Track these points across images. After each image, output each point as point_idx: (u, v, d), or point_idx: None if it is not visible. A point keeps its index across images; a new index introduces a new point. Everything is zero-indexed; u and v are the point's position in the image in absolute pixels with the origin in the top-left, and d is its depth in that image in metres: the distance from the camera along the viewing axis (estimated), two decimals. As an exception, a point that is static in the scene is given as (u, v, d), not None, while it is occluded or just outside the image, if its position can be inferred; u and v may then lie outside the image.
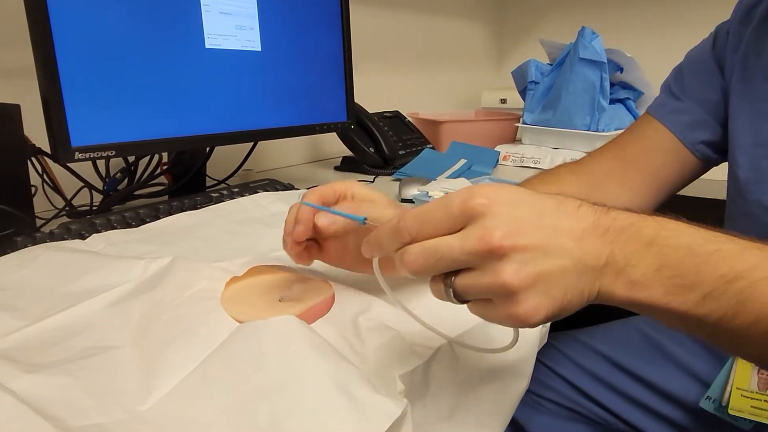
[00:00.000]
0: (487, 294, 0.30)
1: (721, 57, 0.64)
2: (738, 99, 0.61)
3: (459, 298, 0.32)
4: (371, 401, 0.31)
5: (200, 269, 0.47)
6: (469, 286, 0.31)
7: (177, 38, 0.71)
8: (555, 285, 0.30)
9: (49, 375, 0.33)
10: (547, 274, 0.30)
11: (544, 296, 0.30)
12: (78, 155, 0.62)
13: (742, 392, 0.53)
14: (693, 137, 0.65)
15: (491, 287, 0.30)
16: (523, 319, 0.30)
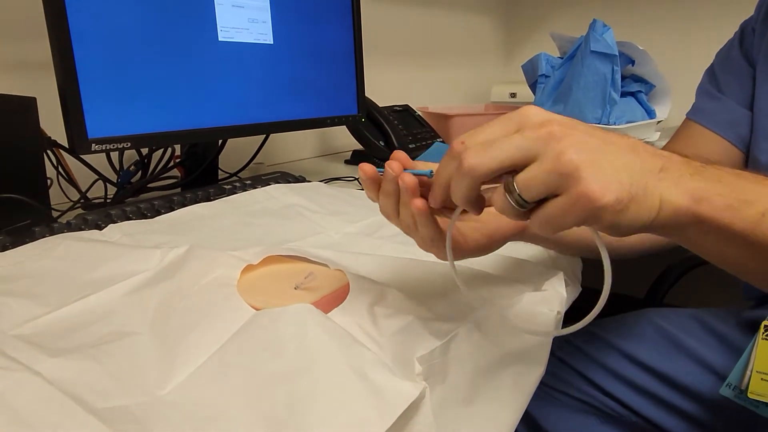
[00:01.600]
0: (551, 181, 0.29)
1: (749, 53, 0.65)
2: (762, 87, 0.62)
3: (522, 200, 0.30)
4: (388, 384, 0.31)
5: (216, 257, 0.48)
6: (530, 178, 0.29)
7: (191, 31, 0.71)
8: (618, 166, 0.29)
9: (72, 359, 0.34)
10: (608, 154, 0.29)
11: (609, 176, 0.29)
12: (94, 147, 0.63)
13: (763, 375, 0.53)
14: (737, 133, 0.65)
15: (554, 170, 0.29)
16: (592, 196, 0.28)
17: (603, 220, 0.29)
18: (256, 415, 0.31)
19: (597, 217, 0.29)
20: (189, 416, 0.31)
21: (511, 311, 0.42)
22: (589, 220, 0.29)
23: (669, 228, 0.31)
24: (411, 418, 0.30)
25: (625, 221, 0.30)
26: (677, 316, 0.73)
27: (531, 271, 0.50)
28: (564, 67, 1.22)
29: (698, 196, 0.31)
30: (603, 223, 0.30)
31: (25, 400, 0.29)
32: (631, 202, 0.29)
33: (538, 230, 0.31)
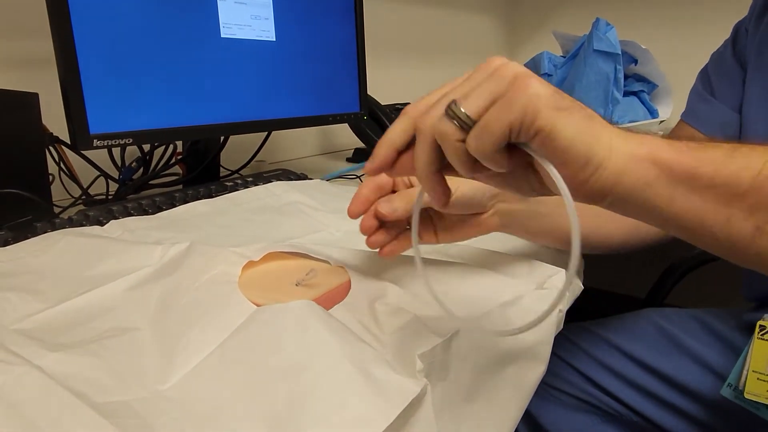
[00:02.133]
0: (491, 86, 0.28)
1: (742, 54, 0.65)
2: (752, 87, 0.62)
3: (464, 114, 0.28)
4: (389, 380, 0.31)
5: (217, 253, 0.48)
6: (471, 88, 0.28)
7: (193, 27, 0.71)
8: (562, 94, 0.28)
9: (73, 354, 0.34)
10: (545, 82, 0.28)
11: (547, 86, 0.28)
12: (96, 142, 0.63)
13: (759, 375, 0.52)
14: (728, 136, 0.65)
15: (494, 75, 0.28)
16: (528, 82, 0.27)
17: (542, 116, 0.27)
18: (257, 410, 0.31)
19: (535, 109, 0.27)
20: (190, 412, 0.31)
21: (513, 309, 0.42)
22: (528, 114, 0.27)
23: (627, 181, 0.28)
24: (412, 415, 0.30)
25: (568, 132, 0.27)
26: (678, 316, 0.73)
27: (533, 268, 0.50)
28: (566, 66, 1.22)
29: (654, 143, 0.29)
30: (542, 122, 0.27)
31: (26, 395, 0.29)
32: (575, 110, 0.28)
33: (475, 149, 0.28)
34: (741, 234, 0.28)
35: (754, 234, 0.27)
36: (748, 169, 0.27)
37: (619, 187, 0.29)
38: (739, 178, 0.27)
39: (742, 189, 0.27)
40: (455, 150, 0.29)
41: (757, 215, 0.27)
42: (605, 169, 0.28)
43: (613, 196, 0.29)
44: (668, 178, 0.28)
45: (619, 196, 0.29)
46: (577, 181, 0.29)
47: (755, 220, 0.27)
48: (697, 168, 0.28)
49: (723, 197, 0.28)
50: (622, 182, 0.28)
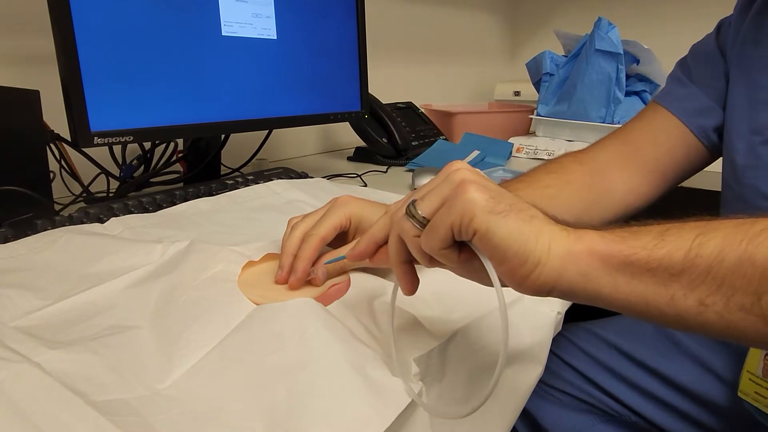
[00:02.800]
0: (443, 191, 0.32)
1: (723, 46, 0.65)
2: (736, 87, 0.62)
3: (420, 215, 0.32)
4: (387, 383, 0.31)
5: (217, 252, 0.48)
6: (427, 193, 0.32)
7: (194, 25, 0.71)
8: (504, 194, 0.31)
9: (72, 352, 0.34)
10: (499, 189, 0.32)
11: (491, 189, 0.31)
12: (97, 140, 0.63)
13: (751, 376, 0.53)
14: (699, 123, 0.65)
15: (446, 183, 0.32)
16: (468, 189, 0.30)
17: (477, 220, 0.30)
18: (256, 409, 0.31)
19: (472, 213, 0.30)
20: (188, 410, 0.31)
21: (512, 310, 0.42)
22: (465, 217, 0.30)
23: (568, 276, 0.30)
24: (408, 417, 0.30)
25: (503, 233, 0.30)
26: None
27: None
28: (568, 66, 1.21)
29: (590, 237, 0.31)
30: (477, 224, 0.30)
31: (25, 392, 0.29)
32: (510, 215, 0.30)
33: (426, 247, 0.32)
34: (687, 310, 0.29)
35: (699, 309, 0.28)
36: (679, 249, 0.28)
37: (562, 281, 0.30)
38: (672, 259, 0.29)
39: (676, 269, 0.28)
40: (413, 245, 0.33)
41: (697, 291, 0.28)
42: (545, 266, 0.30)
43: (558, 290, 0.31)
44: (608, 269, 0.30)
45: (564, 289, 0.31)
46: (518, 276, 0.31)
47: (696, 295, 0.28)
48: (630, 256, 0.29)
49: (661, 279, 0.29)
50: (564, 277, 0.30)
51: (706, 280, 0.28)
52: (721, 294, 0.27)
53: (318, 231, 0.45)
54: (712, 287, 0.28)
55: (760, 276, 0.26)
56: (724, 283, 0.27)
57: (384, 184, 0.90)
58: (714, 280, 0.27)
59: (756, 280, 0.26)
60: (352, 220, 0.47)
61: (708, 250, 0.28)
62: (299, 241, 0.46)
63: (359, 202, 0.48)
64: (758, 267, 0.26)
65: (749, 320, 0.27)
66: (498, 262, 0.31)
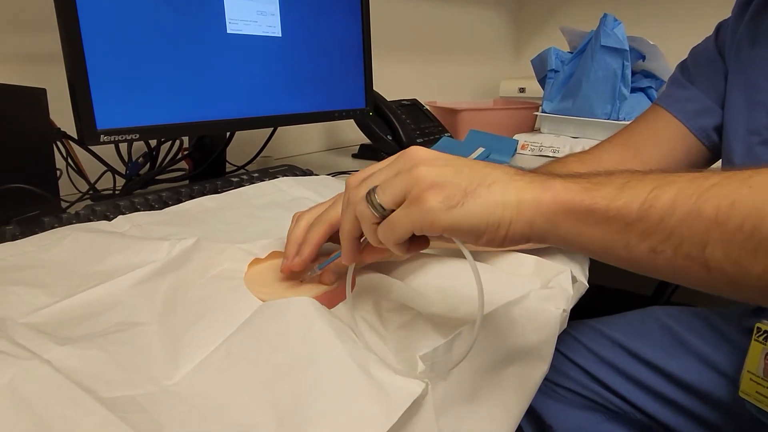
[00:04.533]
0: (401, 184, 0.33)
1: (722, 48, 0.65)
2: (733, 88, 0.62)
3: (378, 204, 0.34)
4: (392, 381, 0.31)
5: (223, 250, 0.48)
6: (387, 182, 0.34)
7: (199, 23, 0.71)
8: (463, 172, 0.33)
9: (80, 348, 0.34)
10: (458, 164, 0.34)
11: (447, 177, 0.32)
12: (103, 138, 0.63)
13: (752, 376, 0.53)
14: (700, 124, 0.65)
15: (404, 175, 0.33)
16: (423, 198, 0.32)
17: (438, 222, 0.32)
18: (262, 406, 0.31)
19: (431, 219, 0.32)
20: (195, 406, 0.31)
21: (517, 308, 0.42)
22: (425, 223, 0.32)
23: (539, 226, 0.32)
24: (413, 415, 0.30)
25: (466, 220, 0.32)
26: (683, 315, 0.72)
27: (539, 267, 0.50)
28: (574, 62, 1.21)
29: (556, 187, 0.32)
30: (441, 226, 0.32)
31: (34, 388, 0.29)
32: (467, 200, 0.32)
33: (381, 238, 0.34)
34: (640, 256, 0.31)
35: (650, 256, 0.31)
36: (635, 201, 0.30)
37: (535, 230, 0.33)
38: (628, 209, 0.30)
39: (631, 218, 0.30)
40: (370, 230, 0.35)
41: (649, 239, 0.30)
42: (517, 222, 0.32)
43: (533, 239, 0.33)
44: (570, 217, 0.32)
45: (537, 237, 0.33)
46: (495, 242, 0.33)
47: (648, 243, 0.30)
48: (591, 205, 0.31)
49: (617, 227, 0.31)
50: (535, 226, 0.33)
51: (657, 230, 0.30)
52: (670, 243, 0.30)
53: (326, 217, 0.45)
54: (662, 236, 0.30)
55: (705, 228, 0.28)
56: (674, 233, 0.29)
57: (389, 182, 0.90)
58: (665, 230, 0.29)
59: (702, 231, 0.29)
60: None
61: (661, 202, 0.30)
62: (304, 231, 0.46)
63: None
64: (704, 220, 0.28)
65: (694, 267, 0.29)
66: (474, 241, 0.33)
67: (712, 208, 0.28)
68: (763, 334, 0.52)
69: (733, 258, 0.28)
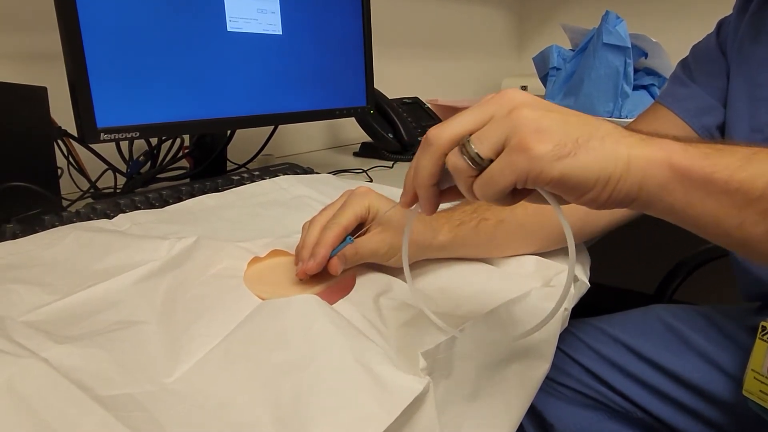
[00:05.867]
0: (500, 132, 0.30)
1: (723, 45, 0.64)
2: (735, 85, 0.62)
3: (475, 154, 0.30)
4: (393, 378, 0.31)
5: (223, 248, 0.48)
6: (482, 131, 0.30)
7: (199, 21, 0.71)
8: (570, 121, 0.30)
9: (80, 346, 0.34)
10: (563, 113, 0.30)
11: (553, 125, 0.29)
12: (103, 136, 0.63)
13: (756, 375, 0.52)
14: (702, 122, 0.65)
15: (503, 122, 0.30)
16: (528, 144, 0.28)
17: (547, 172, 0.29)
18: (262, 404, 0.31)
19: (539, 169, 0.29)
20: (195, 405, 0.31)
21: (519, 306, 0.42)
22: (532, 173, 0.29)
23: (648, 188, 0.30)
24: (414, 413, 0.30)
25: (577, 172, 0.29)
26: (685, 313, 0.72)
27: (539, 266, 0.50)
28: (575, 60, 1.20)
29: (672, 148, 0.30)
30: (549, 176, 0.29)
31: (32, 387, 0.29)
32: (580, 151, 0.29)
33: (479, 194, 0.31)
34: (754, 236, 0.29)
35: (766, 238, 0.28)
36: (763, 176, 0.28)
37: (642, 194, 0.30)
38: (753, 184, 0.28)
39: (755, 195, 0.28)
40: (466, 184, 0.31)
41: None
42: (625, 181, 0.29)
43: (638, 202, 0.30)
44: (685, 183, 0.29)
45: (643, 201, 0.30)
46: (600, 201, 0.30)
47: (767, 223, 0.28)
48: (712, 174, 0.29)
49: (737, 202, 0.28)
50: (644, 189, 0.30)
51: None
52: None
53: (339, 220, 0.44)
54: None
55: None
56: None
57: (390, 180, 0.90)
58: None
59: None
60: (371, 211, 0.46)
61: None
62: (319, 234, 0.45)
63: (377, 194, 0.47)
64: None
65: None
66: (577, 197, 0.30)
67: None
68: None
69: None
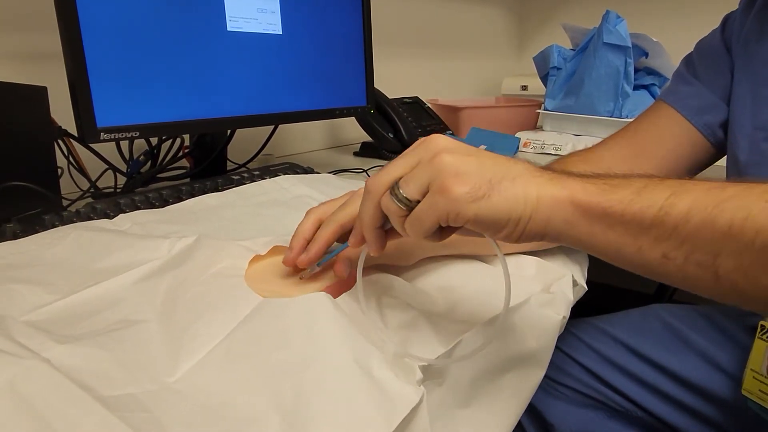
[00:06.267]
0: (424, 176, 0.33)
1: (729, 42, 0.64)
2: (740, 82, 0.61)
3: (402, 196, 0.34)
4: (393, 385, 0.31)
5: (224, 247, 0.48)
6: (410, 175, 0.34)
7: (199, 21, 0.71)
8: (486, 164, 0.33)
9: (81, 346, 0.34)
10: (481, 156, 0.33)
11: (471, 168, 0.32)
12: (103, 135, 0.63)
13: (754, 374, 0.53)
14: (704, 120, 0.64)
15: (427, 166, 0.33)
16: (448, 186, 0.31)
17: (464, 213, 0.32)
18: (264, 403, 0.31)
19: (457, 210, 0.32)
20: (197, 404, 0.31)
21: (518, 314, 0.42)
22: (451, 214, 0.32)
23: (554, 224, 0.33)
24: (408, 421, 0.30)
25: (490, 213, 0.32)
26: (685, 313, 0.72)
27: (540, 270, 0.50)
28: (576, 59, 1.20)
29: (574, 187, 0.33)
30: (465, 217, 0.32)
31: (34, 388, 0.29)
32: (493, 193, 0.32)
33: (409, 232, 0.34)
34: (651, 261, 0.31)
35: (662, 261, 0.31)
36: (652, 207, 0.31)
37: (550, 228, 0.33)
38: (644, 214, 0.31)
39: (646, 224, 0.31)
40: (398, 223, 0.35)
41: (662, 245, 0.31)
42: (534, 220, 0.33)
43: (548, 236, 0.34)
44: (586, 218, 0.32)
45: (552, 235, 0.34)
46: (513, 236, 0.34)
47: (661, 249, 0.31)
48: (608, 208, 0.32)
49: (632, 231, 0.31)
50: (551, 224, 0.33)
51: (671, 237, 0.30)
52: (682, 250, 0.30)
53: (337, 217, 0.44)
54: (675, 243, 0.30)
55: (718, 238, 0.29)
56: (686, 241, 0.30)
57: (390, 179, 0.90)
58: (678, 237, 0.30)
59: (714, 241, 0.29)
60: None
61: (677, 209, 0.30)
62: (313, 226, 0.45)
63: None
64: (718, 230, 0.29)
65: (704, 275, 0.30)
66: (493, 234, 0.34)
67: (726, 220, 0.29)
68: (767, 332, 0.52)
69: (744, 270, 0.28)
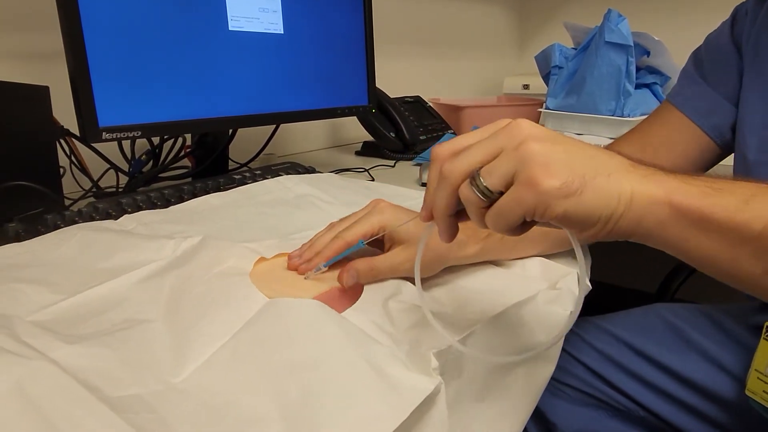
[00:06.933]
0: (509, 167, 0.30)
1: (739, 37, 0.63)
2: (750, 79, 0.61)
3: (484, 188, 0.31)
4: (403, 378, 0.31)
5: (229, 247, 0.48)
6: (492, 165, 0.31)
7: (201, 20, 0.71)
8: (576, 156, 0.30)
9: (87, 346, 0.34)
10: (569, 146, 0.31)
11: (560, 161, 0.29)
12: (105, 135, 0.63)
13: (759, 375, 0.52)
14: (712, 122, 0.64)
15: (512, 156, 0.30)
16: (537, 180, 0.29)
17: (553, 209, 0.29)
18: (270, 404, 0.31)
19: (546, 205, 0.29)
20: (202, 404, 0.31)
21: (526, 309, 0.42)
22: (539, 209, 0.30)
23: (646, 224, 0.31)
24: (425, 412, 0.30)
25: (581, 210, 0.29)
26: (687, 312, 0.72)
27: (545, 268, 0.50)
28: (578, 58, 1.20)
29: (672, 186, 0.30)
30: (554, 213, 0.29)
31: (42, 389, 0.29)
32: (586, 189, 0.29)
33: (490, 226, 0.32)
34: (748, 274, 0.30)
35: (761, 275, 0.29)
36: (760, 219, 0.29)
37: (641, 228, 0.31)
38: (750, 226, 0.29)
39: (751, 236, 0.29)
40: (477, 215, 0.32)
41: (763, 260, 0.29)
42: (625, 218, 0.30)
43: (636, 236, 0.32)
44: (682, 221, 0.30)
45: (641, 235, 0.31)
46: (599, 236, 0.31)
47: (763, 264, 0.29)
48: (710, 214, 0.30)
49: (732, 241, 0.29)
50: (642, 225, 0.31)
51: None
52: None
53: (345, 235, 0.46)
54: None
55: None
56: None
57: (392, 179, 0.90)
58: None
59: None
60: (385, 228, 0.47)
61: None
62: (329, 241, 0.47)
63: (395, 211, 0.48)
64: None
65: None
66: (579, 231, 0.31)
67: None
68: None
69: None
